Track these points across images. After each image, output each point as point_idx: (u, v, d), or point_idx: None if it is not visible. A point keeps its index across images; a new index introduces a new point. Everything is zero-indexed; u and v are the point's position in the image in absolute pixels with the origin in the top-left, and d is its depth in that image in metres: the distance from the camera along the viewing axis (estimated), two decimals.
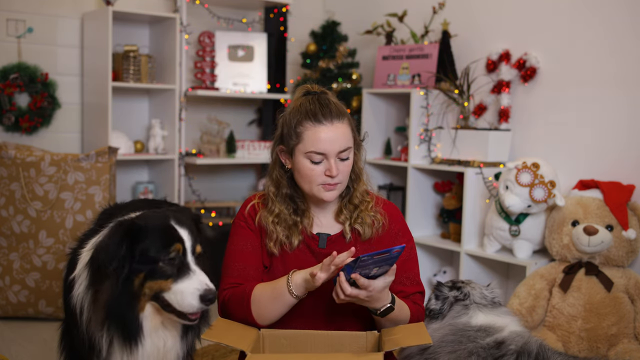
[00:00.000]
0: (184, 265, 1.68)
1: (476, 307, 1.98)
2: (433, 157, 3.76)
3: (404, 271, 1.89)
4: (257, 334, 1.77)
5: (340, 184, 1.84)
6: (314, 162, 1.80)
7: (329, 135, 1.79)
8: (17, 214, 3.34)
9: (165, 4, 4.23)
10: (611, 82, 3.26)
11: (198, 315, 1.71)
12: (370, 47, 4.45)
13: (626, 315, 2.90)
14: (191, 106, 4.27)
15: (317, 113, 1.80)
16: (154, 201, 2.59)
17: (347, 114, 1.86)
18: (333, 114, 1.81)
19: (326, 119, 1.80)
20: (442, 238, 3.86)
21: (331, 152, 1.79)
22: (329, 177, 1.80)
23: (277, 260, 1.88)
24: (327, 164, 1.80)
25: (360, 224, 1.88)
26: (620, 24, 3.22)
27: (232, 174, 4.63)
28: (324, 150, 1.79)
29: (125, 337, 1.69)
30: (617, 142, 3.24)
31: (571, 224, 3.10)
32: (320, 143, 1.78)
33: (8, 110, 3.74)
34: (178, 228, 1.72)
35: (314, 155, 1.80)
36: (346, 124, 1.83)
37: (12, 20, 3.79)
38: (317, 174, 1.81)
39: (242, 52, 4.36)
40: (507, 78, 3.61)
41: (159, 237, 1.69)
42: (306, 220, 1.89)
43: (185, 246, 1.69)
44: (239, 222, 1.93)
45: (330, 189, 1.82)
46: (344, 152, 1.81)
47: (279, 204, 1.88)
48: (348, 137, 1.82)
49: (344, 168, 1.83)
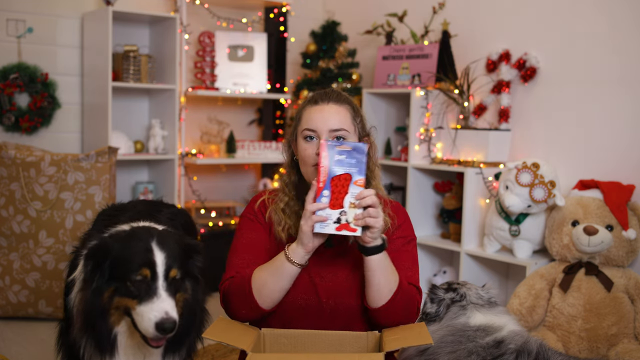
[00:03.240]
0: (151, 289, 1.64)
1: (473, 307, 1.98)
2: (433, 157, 3.77)
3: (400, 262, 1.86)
4: (257, 333, 1.77)
5: None
6: (306, 138, 1.82)
7: (321, 113, 1.81)
8: (17, 214, 3.34)
9: (165, 4, 4.23)
10: (611, 82, 3.26)
11: (160, 343, 1.67)
12: (370, 47, 4.45)
13: (626, 315, 2.90)
14: (191, 106, 4.27)
15: (316, 96, 1.86)
16: (152, 202, 2.59)
17: (352, 103, 1.87)
18: (331, 97, 1.84)
19: (322, 101, 1.84)
20: (442, 238, 3.86)
21: (322, 128, 1.80)
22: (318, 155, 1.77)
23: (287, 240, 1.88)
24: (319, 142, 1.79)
25: None
26: (621, 23, 3.22)
27: (232, 174, 4.63)
28: (315, 126, 1.81)
29: (99, 347, 1.69)
30: (617, 142, 3.24)
31: (571, 224, 3.10)
32: (312, 120, 1.82)
33: (8, 110, 3.73)
34: (155, 250, 1.68)
35: (306, 132, 1.82)
36: (344, 108, 1.84)
37: (12, 20, 3.79)
38: (309, 153, 1.81)
39: (242, 52, 4.36)
40: (507, 78, 3.61)
41: (129, 258, 1.67)
42: None
43: (156, 270, 1.66)
44: (249, 216, 1.93)
45: None
46: (338, 132, 1.80)
47: (289, 192, 1.91)
48: (344, 119, 1.82)
49: None
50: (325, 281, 1.85)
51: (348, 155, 1.68)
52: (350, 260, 1.87)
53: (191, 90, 4.11)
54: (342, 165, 1.68)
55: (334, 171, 1.68)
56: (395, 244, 1.88)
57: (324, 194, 1.67)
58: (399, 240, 1.90)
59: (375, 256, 1.73)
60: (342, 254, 1.87)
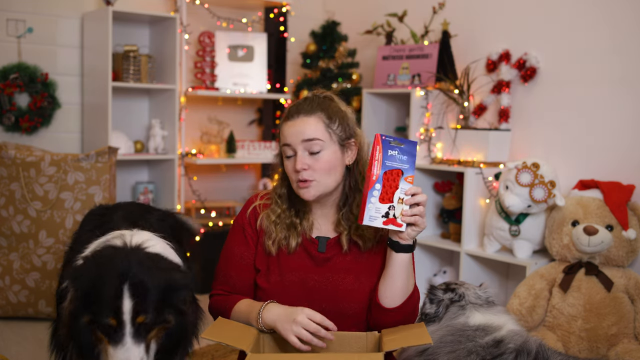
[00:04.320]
0: (117, 336, 1.57)
1: (472, 307, 1.98)
2: (433, 157, 3.76)
3: None
4: (257, 333, 1.77)
5: (315, 182, 1.80)
6: (287, 156, 1.83)
7: (294, 127, 1.80)
8: (17, 214, 3.34)
9: (165, 4, 4.23)
10: (611, 82, 3.26)
11: None
12: (370, 47, 4.45)
13: (626, 315, 2.90)
14: (191, 106, 4.27)
15: (291, 110, 1.84)
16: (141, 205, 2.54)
17: (326, 110, 1.82)
18: (304, 110, 1.82)
19: (293, 115, 1.82)
20: (442, 238, 3.86)
21: (295, 142, 1.80)
22: (296, 172, 1.80)
23: (274, 263, 1.88)
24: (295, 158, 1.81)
25: (359, 236, 1.86)
26: (621, 23, 3.22)
27: (232, 174, 4.63)
28: (289, 141, 1.81)
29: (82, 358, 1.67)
30: (617, 142, 3.24)
31: (571, 224, 3.10)
32: (286, 136, 1.82)
33: (8, 110, 3.73)
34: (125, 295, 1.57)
35: (285, 149, 1.83)
36: (315, 117, 1.80)
37: (12, 20, 3.79)
38: (289, 169, 1.83)
39: (242, 52, 4.36)
40: (507, 78, 3.61)
41: (98, 299, 1.59)
42: (306, 222, 1.88)
43: (123, 319, 1.56)
44: (239, 227, 1.94)
45: (303, 186, 1.80)
46: (310, 142, 1.78)
47: (281, 204, 1.90)
48: (314, 129, 1.79)
49: (316, 164, 1.79)
50: (320, 285, 1.85)
51: (400, 150, 1.70)
52: (344, 264, 1.87)
53: (191, 90, 4.11)
54: (394, 161, 1.70)
55: (386, 165, 1.70)
56: None
57: (375, 187, 1.69)
58: None
59: (404, 255, 1.76)
60: (335, 258, 1.87)
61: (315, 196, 1.82)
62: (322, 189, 1.82)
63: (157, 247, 1.78)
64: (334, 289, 1.84)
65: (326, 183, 1.82)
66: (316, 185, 1.81)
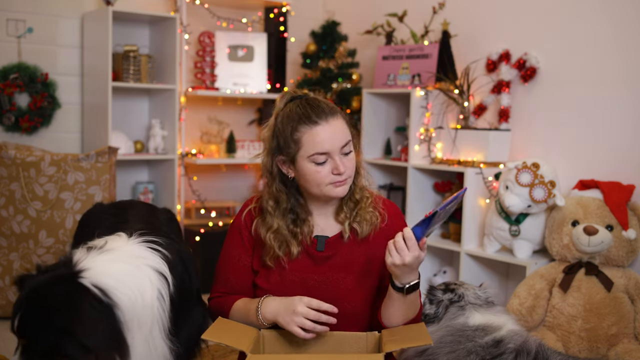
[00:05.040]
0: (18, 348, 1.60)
1: (472, 307, 1.98)
2: (433, 157, 3.76)
3: None
4: (257, 334, 1.77)
5: (349, 178, 1.84)
6: (319, 163, 1.78)
7: (327, 134, 1.77)
8: (17, 214, 3.34)
9: (165, 4, 4.22)
10: (611, 82, 3.26)
11: None
12: (370, 47, 4.45)
13: (626, 315, 2.90)
14: (191, 106, 4.27)
15: (310, 115, 1.78)
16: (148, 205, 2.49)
17: (338, 109, 1.85)
18: (326, 112, 1.79)
19: (321, 119, 1.77)
20: (442, 238, 3.86)
21: (334, 149, 1.78)
22: (337, 175, 1.79)
23: (276, 268, 1.87)
24: (333, 163, 1.78)
25: (358, 222, 1.87)
26: (621, 23, 3.22)
27: (232, 174, 4.63)
28: (326, 149, 1.77)
29: None
30: (617, 142, 3.24)
31: (571, 224, 3.09)
32: (321, 143, 1.77)
33: (8, 110, 3.73)
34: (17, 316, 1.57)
35: (317, 157, 1.78)
36: (340, 118, 1.82)
37: (12, 20, 3.79)
38: (324, 175, 1.79)
39: (242, 52, 4.36)
40: (507, 78, 3.61)
41: None
42: (306, 228, 1.87)
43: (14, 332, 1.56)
44: (236, 229, 1.94)
45: (340, 184, 1.81)
46: (346, 147, 1.80)
47: (277, 218, 1.86)
48: (346, 131, 1.81)
49: (349, 162, 1.82)
50: (320, 285, 1.85)
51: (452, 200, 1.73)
52: (343, 263, 1.87)
53: (191, 90, 4.11)
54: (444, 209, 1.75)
55: None
56: None
57: None
58: None
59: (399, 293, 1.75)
60: (334, 257, 1.87)
61: (347, 190, 1.85)
62: (351, 182, 1.87)
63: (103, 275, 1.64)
64: (334, 289, 1.84)
65: (353, 176, 1.86)
66: (349, 181, 1.85)
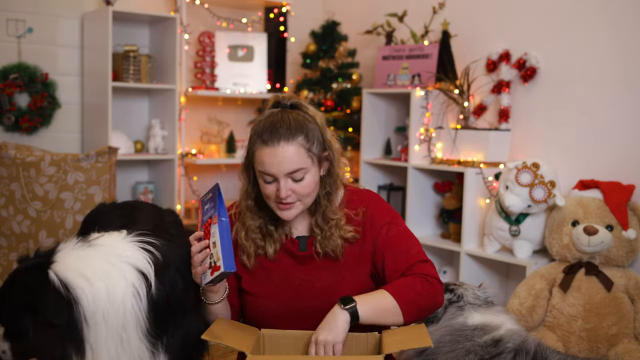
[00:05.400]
0: None
1: (471, 307, 1.99)
2: (433, 157, 3.76)
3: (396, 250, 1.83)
4: (257, 334, 1.77)
5: (299, 202, 1.79)
6: (266, 181, 1.77)
7: (272, 158, 1.73)
8: (17, 214, 3.34)
9: (165, 4, 4.22)
10: (611, 82, 3.26)
11: None
12: (370, 47, 4.45)
13: (626, 315, 2.90)
14: (191, 106, 4.27)
15: (263, 134, 1.74)
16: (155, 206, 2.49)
17: (304, 136, 1.75)
18: (282, 136, 1.72)
19: (272, 141, 1.72)
20: (442, 238, 3.86)
21: (278, 173, 1.74)
22: (278, 197, 1.77)
23: (261, 271, 1.87)
24: (277, 185, 1.76)
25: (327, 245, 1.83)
26: (621, 23, 3.22)
27: (232, 174, 4.63)
28: (271, 172, 1.75)
29: None
30: (617, 142, 3.24)
31: (571, 224, 3.10)
32: (267, 165, 1.74)
33: (8, 110, 3.73)
34: None
35: (264, 175, 1.77)
36: (296, 146, 1.73)
37: (12, 20, 3.79)
38: (270, 192, 1.78)
39: (242, 52, 4.36)
40: (507, 78, 3.61)
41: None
42: (281, 229, 1.86)
43: None
44: None
45: (285, 208, 1.78)
46: (296, 173, 1.75)
47: (250, 216, 1.86)
48: (297, 159, 1.74)
49: (300, 189, 1.77)
50: (306, 283, 1.84)
51: (209, 201, 1.72)
52: (328, 260, 1.85)
53: (191, 90, 4.11)
54: (206, 213, 1.73)
55: (202, 221, 1.73)
56: (381, 236, 1.85)
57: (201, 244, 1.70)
58: (383, 230, 1.85)
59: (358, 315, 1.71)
60: (320, 255, 1.85)
61: (295, 216, 1.81)
62: (302, 208, 1.82)
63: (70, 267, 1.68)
64: (322, 286, 1.83)
65: (307, 203, 1.82)
66: (300, 205, 1.80)
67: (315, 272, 1.85)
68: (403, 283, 1.76)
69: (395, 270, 1.81)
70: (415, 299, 1.74)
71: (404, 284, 1.76)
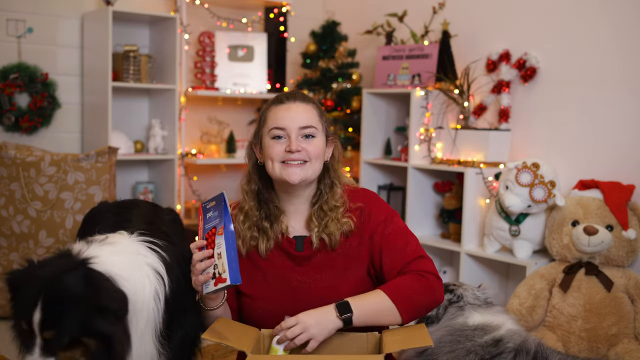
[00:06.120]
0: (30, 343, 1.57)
1: (471, 307, 1.99)
2: (433, 157, 3.76)
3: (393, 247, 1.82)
4: (257, 334, 1.77)
5: (308, 163, 1.81)
6: (275, 137, 1.81)
7: (289, 111, 1.81)
8: (17, 214, 3.34)
9: (165, 4, 4.22)
10: (611, 82, 3.26)
11: None
12: (370, 47, 4.45)
13: (626, 315, 2.90)
14: (191, 106, 4.27)
15: (282, 97, 1.85)
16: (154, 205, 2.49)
17: (317, 104, 1.87)
18: (297, 97, 1.85)
19: (288, 100, 1.84)
20: (442, 238, 3.86)
21: (291, 126, 1.79)
22: (288, 152, 1.78)
23: (256, 271, 1.86)
24: (288, 141, 1.79)
25: (327, 235, 1.83)
26: (621, 23, 3.22)
27: (232, 174, 4.63)
28: (284, 125, 1.80)
29: None
30: (617, 142, 3.24)
31: (571, 224, 3.10)
32: (280, 119, 1.81)
33: (8, 110, 3.73)
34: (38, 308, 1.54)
35: (275, 131, 1.81)
36: (311, 107, 1.84)
37: (12, 20, 3.79)
38: (277, 150, 1.80)
39: (242, 52, 4.36)
40: (507, 78, 3.61)
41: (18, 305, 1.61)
42: (277, 226, 1.86)
43: (33, 328, 1.55)
44: None
45: (292, 164, 1.79)
46: (307, 129, 1.81)
47: (249, 201, 1.89)
48: (312, 117, 1.83)
49: (310, 147, 1.80)
50: (303, 285, 1.83)
51: (213, 210, 1.72)
52: (325, 261, 1.85)
53: (191, 90, 4.11)
54: (209, 221, 1.72)
55: (205, 229, 1.72)
56: (378, 233, 1.84)
57: (204, 253, 1.69)
58: (380, 227, 1.85)
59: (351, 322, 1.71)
60: (315, 257, 1.85)
61: (301, 179, 1.80)
62: (310, 174, 1.82)
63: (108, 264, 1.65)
64: (319, 288, 1.82)
65: (314, 167, 1.82)
66: (308, 167, 1.81)
67: (312, 273, 1.84)
68: (399, 282, 1.76)
69: (392, 268, 1.81)
70: (412, 297, 1.73)
71: (400, 282, 1.75)
